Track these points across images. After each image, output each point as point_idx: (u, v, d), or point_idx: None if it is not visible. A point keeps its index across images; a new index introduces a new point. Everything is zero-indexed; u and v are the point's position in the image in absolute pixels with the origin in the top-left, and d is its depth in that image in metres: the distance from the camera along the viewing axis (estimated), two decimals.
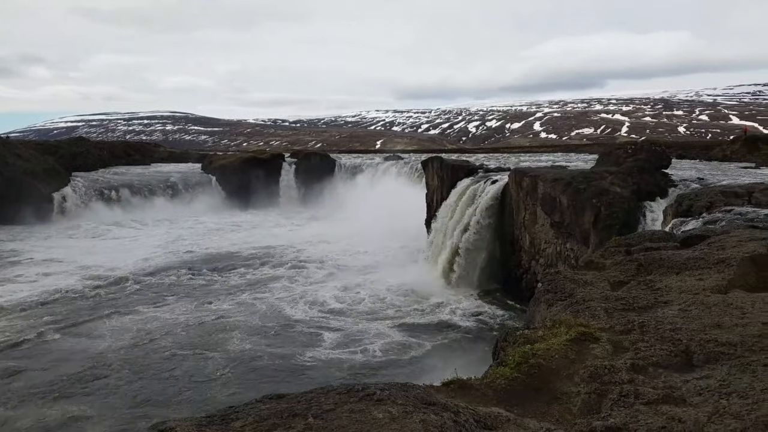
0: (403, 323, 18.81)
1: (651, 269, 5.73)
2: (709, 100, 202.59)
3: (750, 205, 11.36)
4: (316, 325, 18.83)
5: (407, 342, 17.16)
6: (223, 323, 18.84)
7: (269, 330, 18.28)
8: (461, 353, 15.91)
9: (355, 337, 17.57)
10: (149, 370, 14.91)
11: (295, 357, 15.93)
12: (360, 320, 19.27)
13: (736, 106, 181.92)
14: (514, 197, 21.35)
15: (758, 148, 39.95)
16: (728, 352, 3.13)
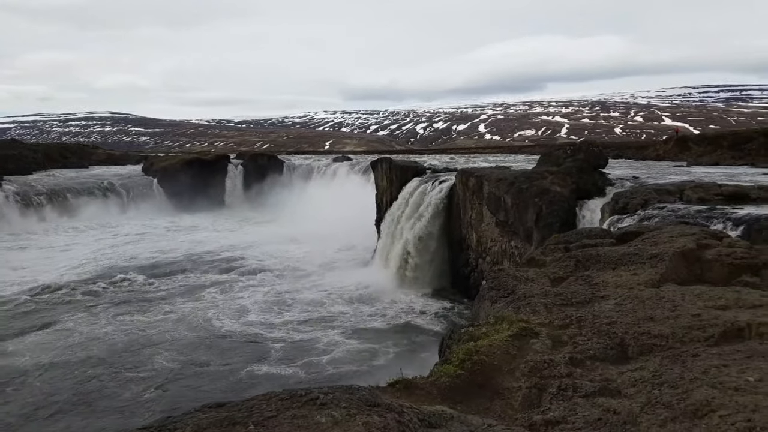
0: (354, 328, 18.13)
1: (588, 265, 5.92)
2: (643, 102, 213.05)
3: (681, 202, 11.99)
4: (260, 335, 17.48)
5: (360, 349, 16.30)
6: (154, 337, 17.32)
7: (205, 343, 16.70)
8: (414, 353, 15.83)
9: (304, 347, 16.38)
10: (67, 392, 13.47)
11: (234, 375, 14.46)
12: (309, 327, 18.20)
13: (668, 107, 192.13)
14: (461, 197, 21.71)
15: (689, 148, 42.31)
16: (660, 344, 3.27)
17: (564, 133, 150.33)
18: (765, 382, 2.53)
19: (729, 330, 3.22)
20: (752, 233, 8.82)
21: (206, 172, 51.78)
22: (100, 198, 46.37)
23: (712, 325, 3.30)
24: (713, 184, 13.34)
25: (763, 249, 6.20)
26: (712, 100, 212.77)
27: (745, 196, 11.97)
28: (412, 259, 22.58)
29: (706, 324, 3.34)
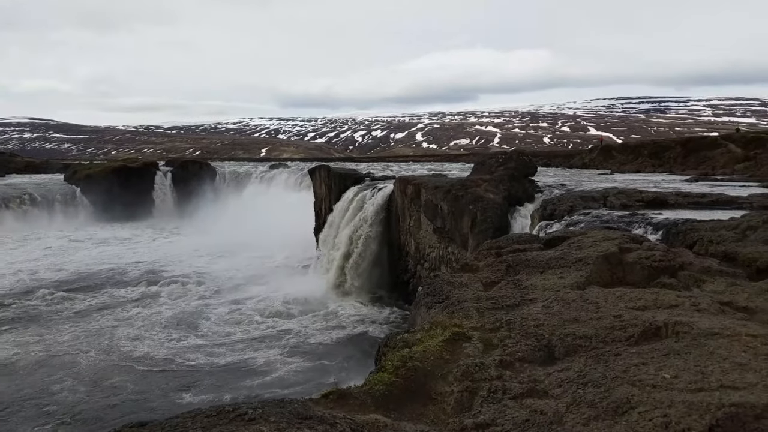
0: (294, 342, 17.12)
1: (518, 269, 6.09)
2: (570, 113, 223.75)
3: (605, 208, 12.58)
4: (185, 357, 15.68)
5: (301, 366, 15.12)
6: (61, 360, 15.47)
7: (120, 368, 14.79)
8: (353, 363, 15.49)
9: (238, 369, 14.79)
10: None
11: (152, 406, 12.80)
12: (244, 345, 16.75)
13: (593, 118, 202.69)
14: (400, 204, 21.91)
15: (612, 156, 44.75)
16: (585, 345, 3.39)
17: (497, 143, 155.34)
18: (680, 378, 2.67)
19: (648, 329, 3.39)
20: (670, 237, 9.35)
21: (134, 180, 49.63)
22: (19, 208, 43.37)
23: (633, 325, 3.46)
24: (635, 191, 14.13)
25: (679, 252, 6.61)
26: (634, 111, 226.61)
27: (664, 202, 12.73)
28: (351, 267, 22.53)
29: (626, 324, 3.50)
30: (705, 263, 6.00)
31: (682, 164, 36.83)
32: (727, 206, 11.91)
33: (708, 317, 3.59)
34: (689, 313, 3.75)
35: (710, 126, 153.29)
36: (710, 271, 5.72)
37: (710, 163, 34.67)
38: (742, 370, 2.64)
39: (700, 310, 3.84)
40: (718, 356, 2.84)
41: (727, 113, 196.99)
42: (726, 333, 3.13)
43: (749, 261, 6.78)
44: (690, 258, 6.12)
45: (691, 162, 36.72)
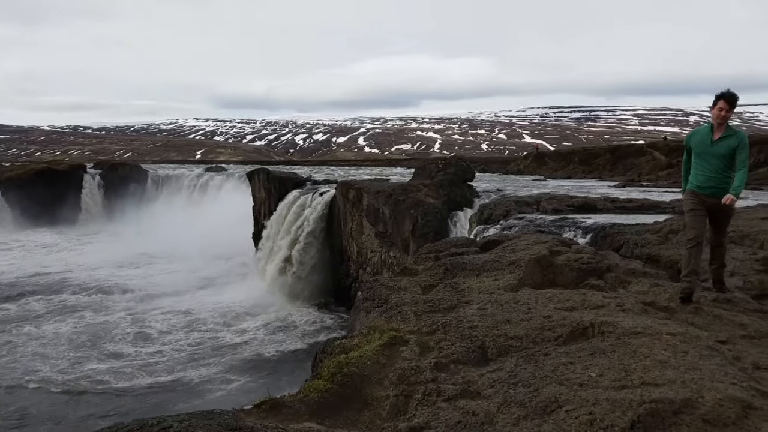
0: (230, 355, 15.96)
1: (456, 272, 6.18)
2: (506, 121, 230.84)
3: (538, 213, 13.01)
4: (108, 380, 13.80)
5: (237, 384, 13.68)
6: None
7: (29, 395, 12.81)
8: (293, 372, 14.71)
9: (169, 392, 13.14)
10: None
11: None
12: (174, 364, 14.99)
13: (528, 126, 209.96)
14: (342, 209, 21.82)
15: (546, 163, 46.51)
16: (516, 345, 3.47)
17: (437, 148, 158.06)
18: (605, 376, 2.77)
19: (575, 329, 3.51)
20: (598, 240, 9.76)
21: (59, 183, 46.94)
22: None
23: (561, 326, 3.57)
24: (566, 196, 14.70)
25: (606, 254, 6.91)
26: (566, 120, 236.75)
27: (593, 206, 13.32)
28: (292, 273, 22.20)
29: (555, 324, 3.61)
30: (630, 265, 6.31)
31: (610, 171, 38.75)
32: (652, 211, 12.58)
33: (632, 317, 3.76)
34: (614, 313, 3.91)
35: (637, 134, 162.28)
36: (635, 273, 6.01)
37: (637, 170, 36.67)
38: (663, 368, 2.77)
39: (625, 310, 4.02)
40: (640, 354, 2.97)
41: (652, 122, 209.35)
42: (648, 332, 3.28)
43: (671, 263, 7.18)
44: (616, 260, 6.41)
45: (619, 169, 38.70)
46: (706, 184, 4.95)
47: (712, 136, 4.92)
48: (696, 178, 5.05)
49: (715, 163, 4.89)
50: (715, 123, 4.93)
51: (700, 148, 5.01)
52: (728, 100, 4.82)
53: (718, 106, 4.85)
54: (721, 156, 4.87)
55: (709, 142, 4.92)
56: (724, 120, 4.85)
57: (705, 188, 4.96)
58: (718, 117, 4.85)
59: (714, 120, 4.95)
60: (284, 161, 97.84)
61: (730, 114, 4.86)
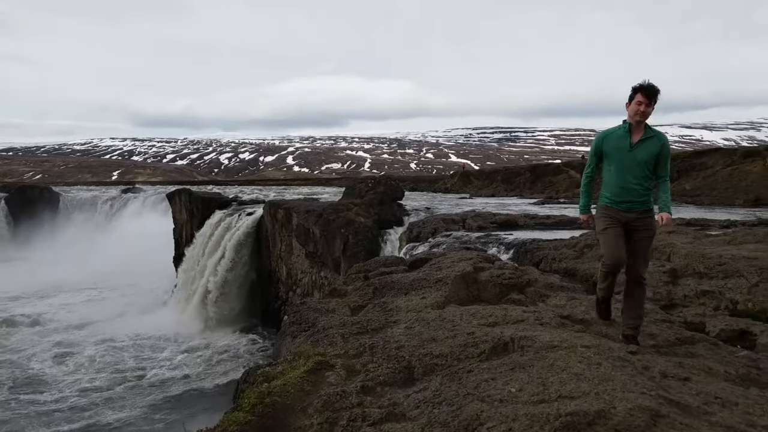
0: (149, 391, 14.71)
1: (385, 292, 6.18)
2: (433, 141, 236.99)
3: (464, 230, 13.34)
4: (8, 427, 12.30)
5: (160, 429, 12.49)
6: None
7: None
8: (215, 405, 13.56)
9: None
10: None
11: None
12: (82, 409, 13.39)
13: (453, 146, 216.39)
14: (270, 230, 21.40)
15: (471, 181, 47.99)
16: (441, 363, 3.49)
17: (367, 167, 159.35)
18: (524, 391, 2.84)
19: (497, 345, 3.59)
20: (520, 255, 10.11)
21: None
22: None
23: (484, 342, 3.64)
24: (489, 214, 15.19)
25: (526, 269, 7.16)
26: (488, 140, 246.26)
27: (515, 223, 13.83)
28: (217, 298, 21.41)
29: (478, 341, 3.67)
30: (549, 279, 6.57)
31: (530, 188, 40.56)
32: (569, 227, 13.21)
33: (549, 331, 3.89)
34: (534, 327, 4.04)
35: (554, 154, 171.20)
36: (553, 287, 6.26)
37: (554, 188, 38.61)
38: (578, 380, 2.87)
39: (543, 324, 4.16)
40: (557, 368, 3.07)
41: (567, 142, 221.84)
42: (564, 345, 3.41)
43: (587, 276, 7.55)
44: (536, 275, 6.66)
45: (538, 186, 40.60)
46: (623, 197, 4.11)
47: (630, 139, 4.08)
48: (610, 190, 4.21)
49: (634, 171, 4.07)
50: (633, 122, 4.10)
51: (616, 153, 4.15)
52: (647, 93, 3.99)
53: (636, 100, 4.03)
54: (641, 163, 4.06)
55: (627, 146, 4.07)
56: (643, 117, 4.04)
57: (621, 203, 4.12)
58: (636, 114, 4.03)
59: (631, 118, 4.11)
60: (208, 181, 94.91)
61: (650, 110, 4.03)
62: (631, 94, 4.08)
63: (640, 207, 4.13)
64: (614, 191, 4.17)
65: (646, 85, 4.00)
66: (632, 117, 4.09)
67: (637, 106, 4.01)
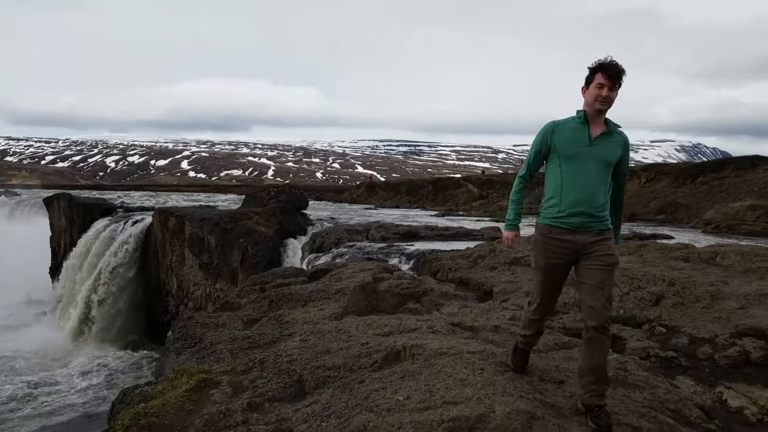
0: (19, 419, 13.23)
1: (281, 304, 6.04)
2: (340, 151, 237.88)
3: (368, 241, 13.46)
4: None
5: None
6: None
7: None
8: (88, 430, 12.77)
9: None
10: None
11: None
12: None
13: (360, 157, 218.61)
14: (160, 239, 20.23)
15: (376, 193, 48.66)
16: (334, 375, 3.45)
17: (271, 175, 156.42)
18: (411, 399, 2.88)
19: (390, 354, 3.61)
20: (419, 265, 10.36)
21: None
22: None
23: (377, 351, 3.65)
24: (392, 225, 15.46)
25: (424, 279, 7.33)
26: (394, 153, 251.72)
27: (416, 234, 14.18)
28: (99, 312, 19.83)
29: (372, 351, 3.68)
30: (444, 288, 6.77)
31: (432, 201, 41.91)
32: (465, 238, 13.78)
33: (439, 338, 3.99)
34: (425, 335, 4.13)
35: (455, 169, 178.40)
36: (447, 296, 6.46)
37: (454, 201, 40.19)
38: (462, 386, 2.96)
39: (435, 331, 4.26)
40: (444, 374, 3.15)
41: (468, 158, 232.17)
42: (452, 352, 3.50)
43: (479, 285, 7.88)
44: (432, 284, 6.83)
45: (440, 199, 42.06)
46: (578, 209, 3.03)
47: (589, 131, 3.07)
48: (560, 201, 3.08)
49: (593, 174, 3.04)
50: (591, 111, 3.07)
51: (570, 149, 3.08)
52: (610, 73, 3.00)
53: (596, 82, 3.03)
54: (603, 163, 3.06)
55: (586, 141, 3.06)
56: (606, 104, 3.03)
57: (575, 217, 3.05)
58: (597, 99, 3.02)
59: (589, 106, 3.07)
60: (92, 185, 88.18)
61: (614, 95, 3.04)
62: (588, 76, 3.10)
63: (598, 225, 3.06)
64: (568, 201, 3.05)
65: (607, 63, 3.01)
66: (591, 104, 3.06)
67: (598, 90, 3.01)
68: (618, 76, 3.02)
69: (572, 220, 3.06)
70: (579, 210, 3.04)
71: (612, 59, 3.03)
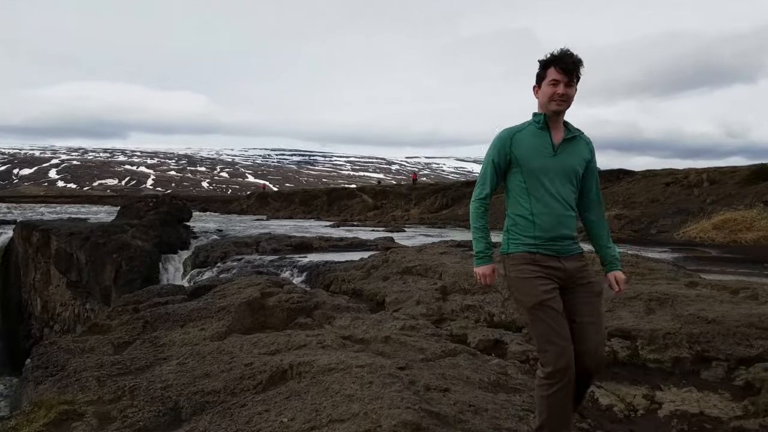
0: None
1: (157, 325, 5.63)
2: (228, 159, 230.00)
3: (258, 253, 13.02)
4: None
5: None
6: None
7: None
8: None
9: None
10: None
11: None
12: None
13: (251, 166, 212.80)
14: (22, 255, 18.18)
15: (268, 203, 47.53)
16: (214, 400, 3.24)
17: (150, 185, 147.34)
18: (296, 419, 2.76)
19: (275, 374, 3.46)
20: (312, 278, 10.20)
21: None
22: None
23: (261, 372, 3.49)
24: (284, 236, 15.12)
25: (316, 292, 7.21)
26: (287, 162, 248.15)
27: (309, 245, 13.97)
28: None
29: (256, 371, 3.51)
30: (336, 301, 6.69)
31: (327, 211, 41.80)
32: (360, 248, 13.82)
33: (329, 353, 3.91)
34: (314, 351, 4.02)
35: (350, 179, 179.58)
36: (340, 308, 6.39)
37: (349, 211, 40.40)
38: (350, 401, 2.90)
39: (325, 347, 4.17)
40: (331, 391, 3.07)
41: (362, 169, 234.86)
42: (340, 367, 3.43)
43: (372, 296, 7.90)
44: (324, 297, 6.73)
45: (335, 209, 42.07)
46: (556, 232, 2.56)
47: (551, 138, 2.59)
48: (534, 223, 2.57)
49: (562, 188, 2.58)
50: (547, 111, 2.60)
51: (536, 159, 2.58)
52: (564, 66, 2.54)
53: (549, 78, 2.57)
54: (572, 173, 2.60)
55: (550, 149, 2.58)
56: (563, 104, 2.56)
57: (555, 241, 2.57)
58: (552, 98, 2.55)
59: (544, 107, 2.61)
60: None
61: (572, 92, 2.57)
62: (539, 72, 2.62)
63: (576, 249, 2.64)
64: (542, 224, 2.55)
65: (560, 54, 2.54)
66: (546, 105, 2.58)
67: (553, 88, 2.54)
68: (575, 68, 2.54)
69: (554, 245, 2.55)
70: (557, 233, 2.55)
71: (567, 50, 2.55)
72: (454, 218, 30.65)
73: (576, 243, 2.63)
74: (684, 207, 21.32)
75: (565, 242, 2.57)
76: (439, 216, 32.96)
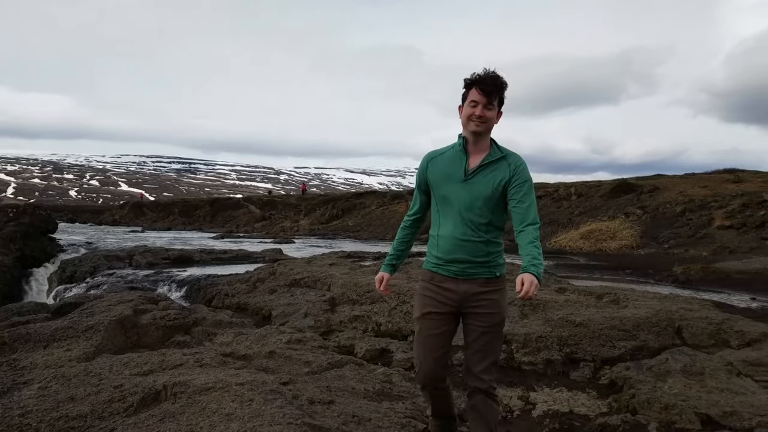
0: None
1: (16, 346, 5.09)
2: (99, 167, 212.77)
3: (131, 268, 12.18)
4: None
5: None
6: None
7: None
8: None
9: None
10: None
11: None
12: None
13: (124, 173, 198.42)
14: None
15: (144, 213, 44.60)
16: (79, 425, 2.99)
17: (11, 194, 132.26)
18: None
19: (148, 395, 3.27)
20: (192, 293, 9.74)
21: None
22: None
23: (132, 394, 3.28)
24: (161, 249, 14.30)
25: (195, 308, 6.88)
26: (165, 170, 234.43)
27: (190, 258, 13.33)
28: None
29: (126, 394, 3.29)
30: (218, 317, 6.45)
31: (210, 222, 40.10)
32: (245, 261, 13.44)
33: (207, 372, 3.76)
34: (192, 370, 3.85)
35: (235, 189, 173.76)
36: (222, 324, 6.17)
37: (235, 222, 39.07)
38: (228, 421, 2.82)
39: (203, 365, 4.01)
40: (209, 411, 2.96)
41: (248, 178, 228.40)
42: (219, 386, 3.32)
43: (257, 309, 7.72)
44: (205, 313, 6.45)
45: (219, 220, 40.47)
46: (454, 255, 2.63)
47: (467, 163, 2.61)
48: (436, 244, 2.69)
49: (469, 213, 2.60)
50: (466, 132, 2.62)
51: (445, 184, 2.64)
52: (484, 87, 2.54)
53: (470, 99, 2.58)
54: (481, 200, 2.59)
55: (461, 175, 2.61)
56: (481, 126, 2.56)
57: (451, 263, 2.64)
58: (470, 120, 2.57)
59: (463, 127, 2.64)
60: None
61: (492, 114, 2.58)
62: (463, 93, 2.63)
63: (481, 273, 2.64)
64: (443, 246, 2.64)
65: (483, 76, 2.54)
66: (465, 125, 2.61)
67: (471, 109, 2.55)
68: (496, 91, 2.54)
69: (452, 267, 2.62)
70: (455, 257, 2.61)
71: (491, 71, 2.54)
72: (344, 229, 30.89)
73: (483, 267, 2.63)
74: (555, 218, 23.32)
75: (464, 265, 2.61)
76: (329, 227, 33.03)
